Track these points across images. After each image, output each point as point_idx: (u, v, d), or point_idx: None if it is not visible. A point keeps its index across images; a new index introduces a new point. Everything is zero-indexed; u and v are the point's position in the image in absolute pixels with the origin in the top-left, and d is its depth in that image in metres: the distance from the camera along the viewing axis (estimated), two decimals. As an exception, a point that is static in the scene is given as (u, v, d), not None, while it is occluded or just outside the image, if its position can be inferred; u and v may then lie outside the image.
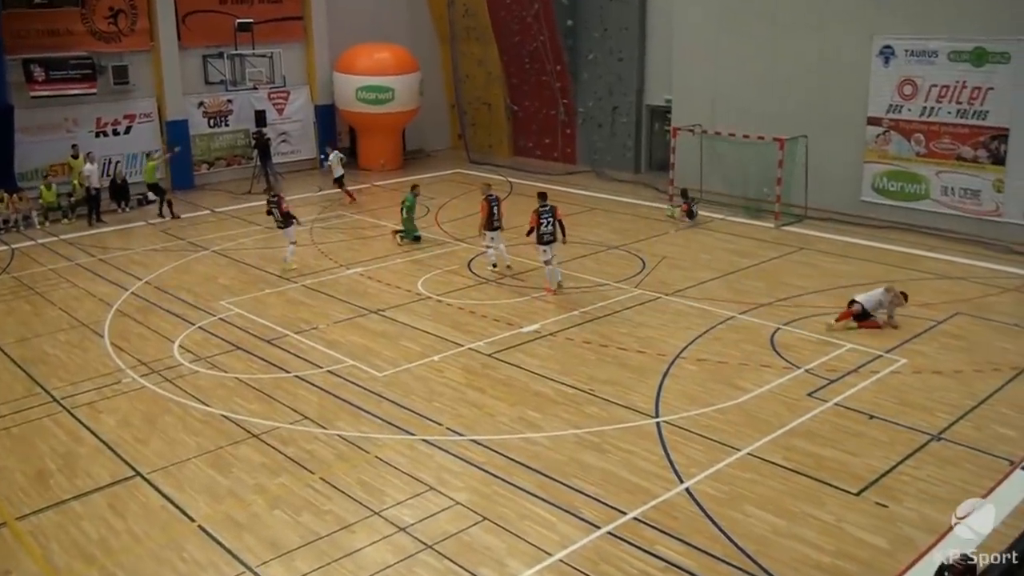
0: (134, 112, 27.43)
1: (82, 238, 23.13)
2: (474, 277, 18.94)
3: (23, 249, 22.28)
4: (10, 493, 11.18)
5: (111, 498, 10.95)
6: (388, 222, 23.26)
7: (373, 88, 29.82)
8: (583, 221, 23.70)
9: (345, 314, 16.92)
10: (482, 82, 32.81)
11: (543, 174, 29.55)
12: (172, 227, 23.94)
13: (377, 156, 30.64)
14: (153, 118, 27.81)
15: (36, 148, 25.57)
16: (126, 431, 12.59)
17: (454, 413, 12.82)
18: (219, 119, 29.27)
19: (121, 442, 12.28)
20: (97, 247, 22.23)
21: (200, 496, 10.92)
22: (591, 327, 15.95)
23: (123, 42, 26.93)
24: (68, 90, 25.64)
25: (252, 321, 16.67)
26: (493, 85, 32.59)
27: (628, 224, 23.26)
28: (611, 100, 29.39)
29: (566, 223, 18.30)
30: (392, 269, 19.74)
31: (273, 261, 20.49)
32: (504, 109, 32.61)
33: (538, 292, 17.79)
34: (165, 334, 16.13)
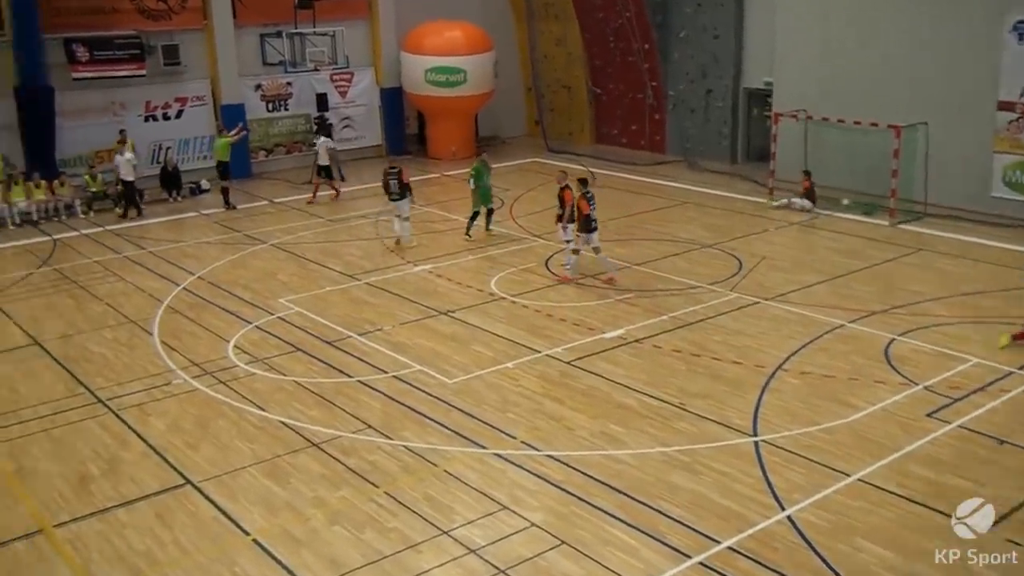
0: (186, 95, 28.06)
1: (130, 229, 23.72)
2: (552, 277, 18.94)
3: (65, 240, 22.93)
4: (48, 499, 11.50)
5: (158, 507, 11.19)
6: (459, 215, 23.39)
7: (444, 69, 30.04)
8: (673, 216, 23.54)
9: (412, 315, 17.05)
10: (562, 63, 32.81)
11: (628, 164, 29.43)
12: (227, 218, 24.42)
13: (447, 144, 30.85)
14: (207, 101, 28.42)
15: (79, 133, 26.27)
16: (176, 436, 12.86)
17: (529, 425, 12.82)
18: (278, 103, 29.77)
19: (170, 447, 12.55)
20: (147, 239, 22.78)
21: (255, 508, 11.10)
22: (681, 334, 15.83)
23: (173, 20, 27.57)
24: (114, 71, 26.31)
25: (312, 321, 16.90)
26: (574, 66, 32.56)
27: (723, 220, 23.05)
28: (705, 83, 29.14)
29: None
30: (463, 267, 19.84)
31: (335, 255, 20.76)
32: (586, 93, 32.57)
33: (622, 294, 17.72)
34: (219, 333, 16.44)
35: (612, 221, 23.04)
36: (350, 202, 26.01)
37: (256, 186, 27.95)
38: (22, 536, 10.74)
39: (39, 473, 12.07)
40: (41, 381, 14.80)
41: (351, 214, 24.64)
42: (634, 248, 20.83)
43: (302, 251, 21.28)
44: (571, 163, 29.67)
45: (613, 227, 22.53)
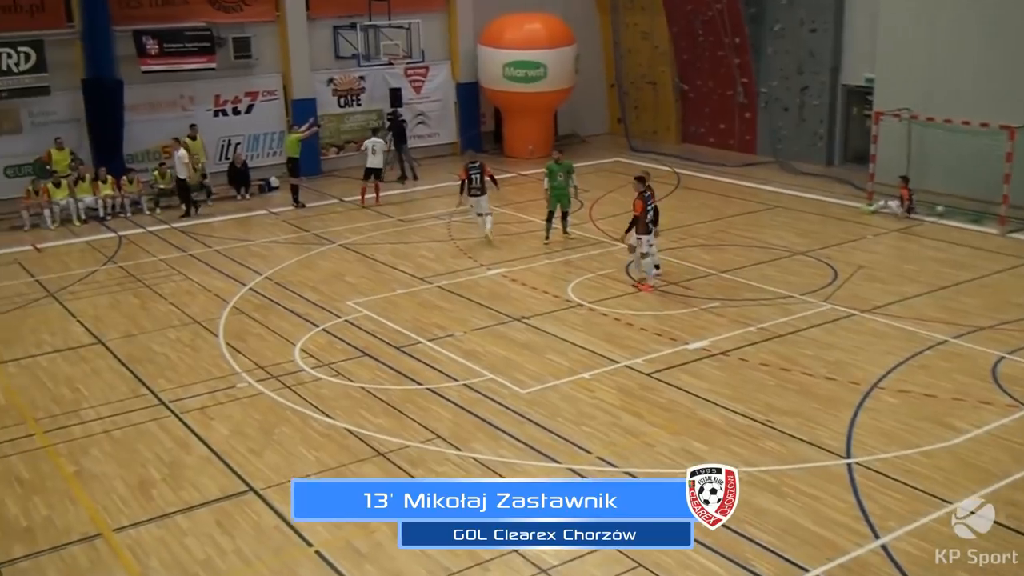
0: (256, 89, 28.51)
1: (196, 227, 24.17)
2: (632, 283, 18.83)
3: (131, 237, 23.43)
4: (108, 502, 11.72)
5: (219, 514, 11.35)
6: (535, 217, 23.40)
7: (522, 64, 30.10)
8: (763, 221, 23.28)
9: (485, 321, 17.09)
10: (647, 57, 32.66)
11: (716, 165, 29.17)
12: (295, 217, 24.75)
13: (525, 142, 30.90)
14: (278, 96, 28.83)
15: (147, 128, 26.78)
16: (239, 441, 13.04)
17: (606, 440, 12.75)
18: (350, 98, 30.10)
19: (233, 453, 12.73)
20: (213, 237, 23.18)
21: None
22: (770, 347, 15.63)
23: (245, 12, 28.02)
24: (184, 64, 26.78)
25: (381, 325, 17.03)
26: (660, 61, 32.39)
27: (817, 226, 22.73)
28: (800, 79, 28.78)
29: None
30: (538, 271, 19.83)
31: (406, 257, 20.91)
32: (672, 89, 32.37)
33: (708, 303, 17.55)
34: (286, 336, 16.65)
35: (699, 225, 22.90)
36: (423, 202, 26.17)
37: (326, 184, 28.28)
38: (80, 539, 10.97)
39: (99, 475, 12.33)
40: (103, 381, 15.13)
41: (423, 214, 24.79)
42: (721, 254, 20.64)
43: (371, 252, 21.47)
44: (654, 163, 29.60)
45: (699, 232, 22.37)
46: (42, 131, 25.55)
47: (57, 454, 12.90)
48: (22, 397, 14.63)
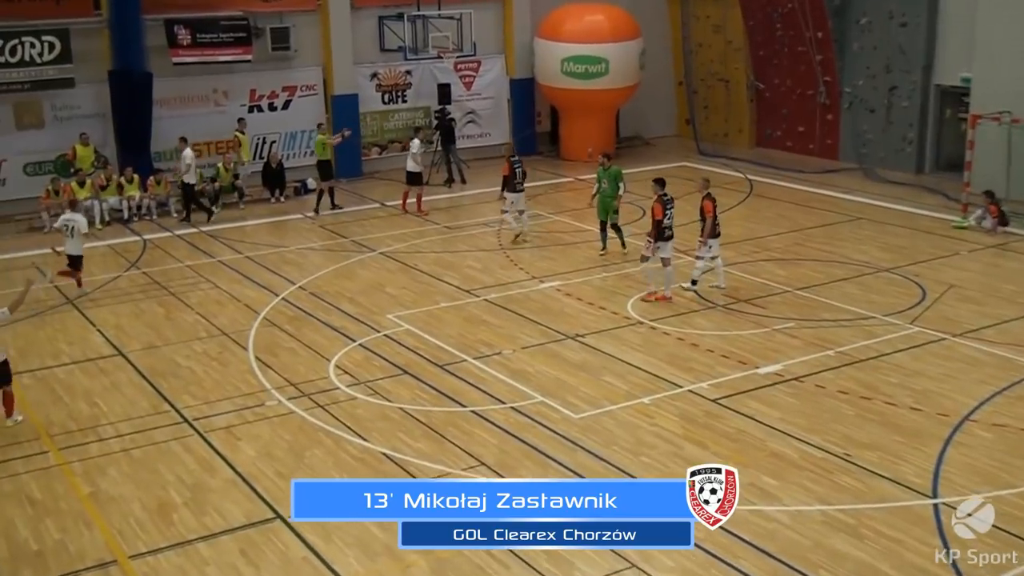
0: (295, 84, 28.79)
1: (227, 231, 24.42)
2: (698, 300, 18.73)
3: (157, 241, 23.72)
4: (124, 526, 11.83)
5: (244, 542, 11.41)
6: (591, 226, 23.35)
7: (583, 59, 30.11)
8: (844, 234, 23.08)
9: (535, 338, 17.07)
10: (719, 53, 32.55)
11: (793, 171, 28.97)
12: (333, 223, 24.91)
13: (583, 144, 30.83)
14: (318, 91, 29.10)
15: (177, 124, 26.99)
16: (267, 464, 13.11)
17: (666, 471, 12.65)
18: (395, 94, 30.28)
19: (261, 476, 12.79)
20: (244, 242, 23.40)
21: (350, 551, 11.22)
22: (850, 372, 15.46)
23: (284, 0, 28.28)
24: (218, 56, 27.12)
25: (423, 341, 17.06)
26: (733, 57, 32.26)
27: (904, 240, 22.49)
28: (888, 78, 28.53)
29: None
30: (595, 285, 19.79)
31: (452, 267, 20.96)
32: (746, 88, 32.23)
33: (781, 323, 17.39)
34: (320, 350, 16.74)
35: (772, 238, 22.75)
36: (471, 208, 26.25)
37: (367, 187, 28.47)
38: (94, 566, 11.07)
39: (116, 497, 12.44)
40: (124, 396, 15.29)
41: (471, 221, 24.88)
42: (798, 270, 20.47)
43: (414, 261, 21.54)
44: (724, 169, 29.45)
45: (773, 245, 22.22)
46: (66, 126, 25.97)
47: (72, 473, 13.05)
48: (37, 411, 14.82)
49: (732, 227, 23.64)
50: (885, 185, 27.39)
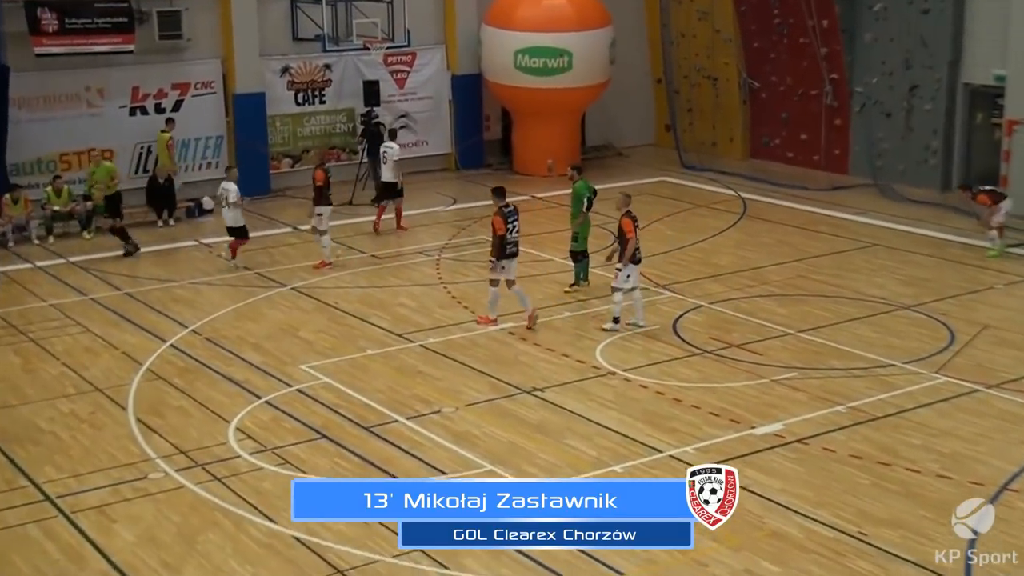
0: (188, 80, 28.75)
1: (103, 261, 24.21)
2: (683, 345, 18.80)
3: (13, 274, 23.50)
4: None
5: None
6: (553, 255, 23.41)
7: (541, 51, 30.27)
8: (856, 264, 23.28)
9: (484, 392, 17.03)
10: (706, 45, 32.81)
11: (795, 188, 29.22)
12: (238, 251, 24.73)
13: (542, 155, 30.81)
14: (216, 89, 29.08)
15: (39, 129, 26.92)
16: (150, 551, 12.92)
17: (643, 558, 12.63)
18: (311, 93, 30.31)
19: (142, 568, 12.60)
20: (124, 276, 23.22)
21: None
22: (864, 432, 15.54)
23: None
24: (92, 46, 26.89)
25: (346, 397, 16.97)
26: (722, 50, 32.54)
27: (929, 271, 22.76)
28: (907, 76, 28.86)
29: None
30: (557, 327, 19.81)
31: (381, 306, 20.93)
32: (738, 87, 32.49)
33: (782, 373, 17.47)
34: (217, 410, 16.59)
35: (771, 269, 22.88)
36: (405, 233, 26.19)
37: (276, 207, 28.44)
38: None
39: (-42, 598, 12.27)
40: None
41: (405, 249, 24.87)
42: (801, 308, 20.63)
43: (335, 299, 21.46)
44: (713, 185, 29.67)
45: (772, 277, 22.36)
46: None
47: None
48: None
49: (722, 256, 23.87)
50: (905, 205, 27.65)
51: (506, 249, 19.27)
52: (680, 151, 32.67)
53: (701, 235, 25.32)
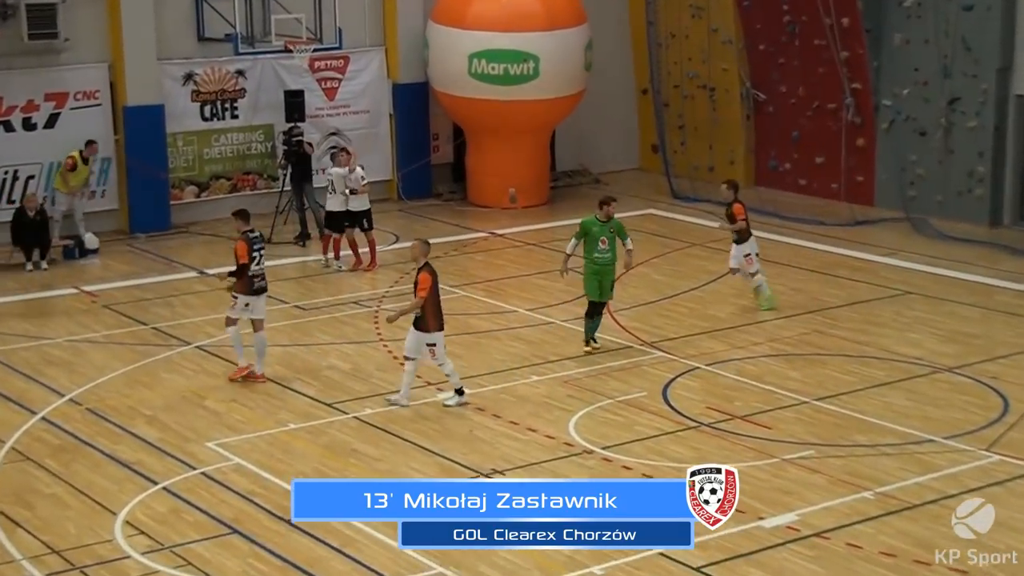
0: (65, 89, 28.69)
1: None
2: (675, 416, 18.80)
3: None
4: None
5: None
6: (515, 305, 23.40)
7: (501, 54, 30.37)
8: (885, 316, 23.43)
9: (431, 475, 16.93)
10: (701, 48, 32.98)
11: (809, 223, 29.38)
12: (127, 300, 24.75)
13: (503, 182, 30.99)
14: (101, 100, 29.04)
15: None
16: None
17: None
18: (220, 106, 30.32)
19: None
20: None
21: None
22: (898, 524, 15.55)
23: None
24: None
25: (262, 482, 16.87)
26: (721, 54, 32.72)
27: (975, 326, 22.90)
28: (946, 86, 29.11)
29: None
30: (522, 394, 19.82)
31: (306, 369, 20.91)
32: (740, 99, 32.63)
33: (795, 450, 17.47)
34: (101, 499, 16.43)
35: (779, 323, 22.91)
36: (337, 278, 26.18)
37: (177, 246, 28.44)
38: None
39: None
40: None
41: (336, 298, 24.88)
42: (818, 370, 20.72)
43: (249, 359, 21.36)
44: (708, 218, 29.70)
45: (782, 334, 22.39)
46: None
47: None
48: None
49: (721, 306, 23.95)
50: (944, 243, 27.84)
51: (253, 283, 19.96)
52: (670, 177, 32.88)
53: (695, 281, 25.38)
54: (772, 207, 30.61)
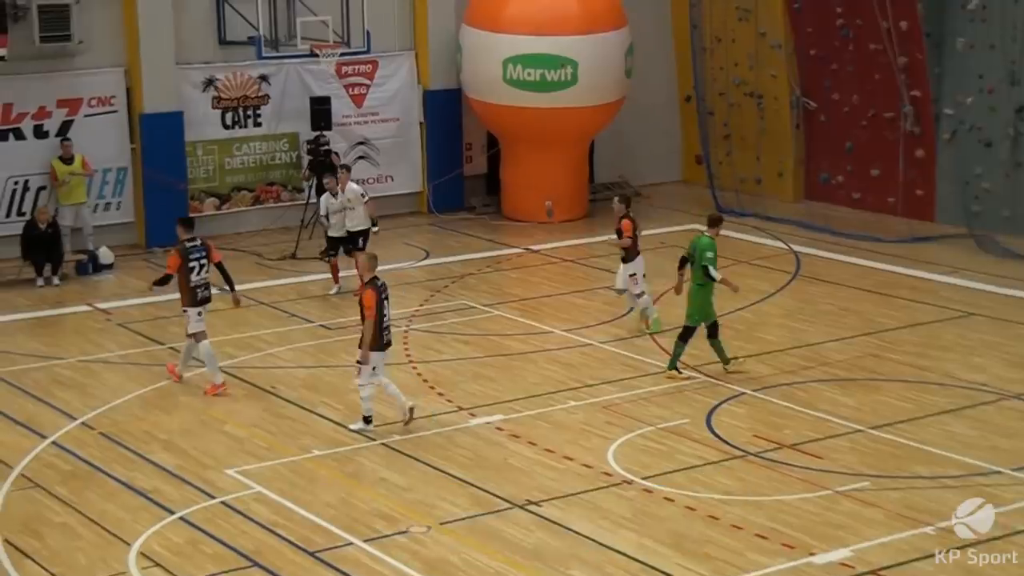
0: (79, 95, 28.82)
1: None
2: (720, 445, 18.76)
3: None
4: None
5: None
6: (553, 326, 23.40)
7: (537, 59, 30.42)
8: (947, 339, 23.35)
9: (464, 507, 16.96)
10: (748, 53, 32.95)
11: (864, 239, 29.26)
12: (142, 318, 24.86)
13: (539, 195, 30.86)
14: (117, 107, 29.16)
15: None
16: None
17: None
18: (243, 113, 30.43)
19: None
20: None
21: None
22: (961, 562, 15.25)
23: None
24: None
25: (285, 512, 16.87)
26: (770, 59, 32.69)
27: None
28: (1013, 94, 29.05)
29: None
30: (559, 420, 19.81)
31: (332, 392, 20.95)
32: (790, 108, 32.57)
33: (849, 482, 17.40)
34: (115, 528, 16.44)
35: (832, 346, 22.87)
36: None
37: (196, 260, 28.41)
38: None
39: None
40: None
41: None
42: (873, 397, 20.61)
43: (273, 381, 21.45)
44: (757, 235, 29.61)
45: (834, 357, 22.31)
46: None
47: None
48: None
49: (769, 328, 23.90)
50: (1011, 261, 27.75)
51: (197, 294, 20.77)
52: (714, 190, 32.87)
53: (741, 301, 25.15)
54: (824, 222, 30.58)
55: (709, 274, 21.07)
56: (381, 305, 19.06)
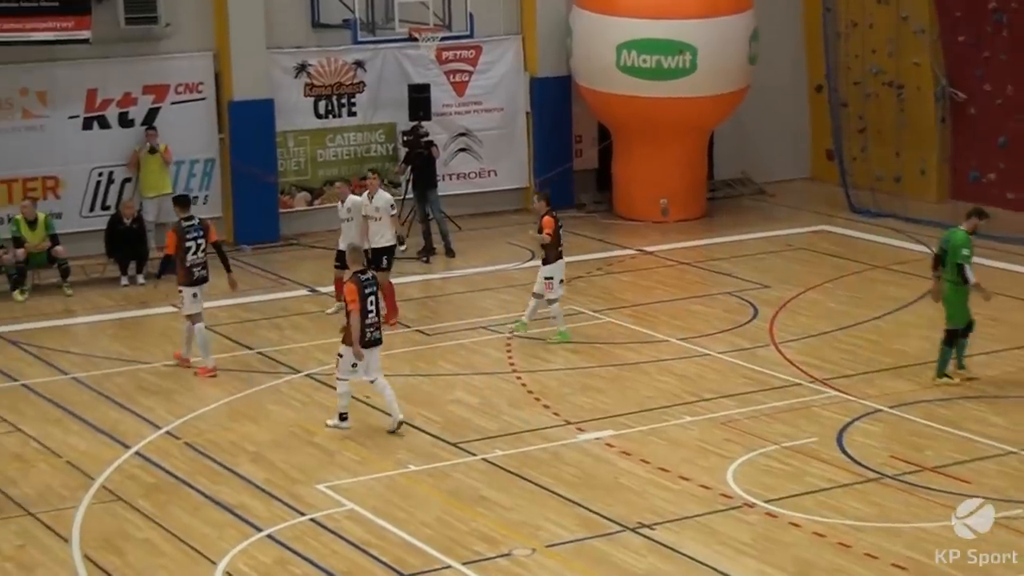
0: (166, 81, 29.19)
1: (39, 332, 24.52)
2: (852, 467, 18.63)
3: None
4: None
5: None
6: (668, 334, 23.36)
7: (653, 45, 30.43)
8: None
9: (570, 529, 16.96)
10: (888, 39, 32.76)
11: (1020, 243, 28.98)
12: (229, 319, 25.13)
13: (655, 192, 30.94)
14: (205, 94, 29.48)
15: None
16: None
17: None
18: (337, 101, 30.62)
19: None
20: (72, 353, 23.55)
21: None
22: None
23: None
24: (31, 32, 27.25)
25: (379, 531, 16.94)
26: (912, 46, 32.47)
27: None
28: None
29: None
30: (674, 436, 19.78)
31: (429, 402, 21.06)
32: (935, 99, 32.36)
33: (1004, 509, 17.20)
34: (199, 545, 16.59)
35: (983, 359, 22.53)
36: (462, 299, 26.37)
37: (285, 260, 28.83)
38: None
39: None
40: None
41: (463, 322, 25.10)
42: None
43: (366, 392, 21.41)
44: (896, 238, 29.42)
45: (986, 372, 22.05)
46: None
47: None
48: None
49: (909, 339, 23.69)
50: None
51: (193, 273, 21.67)
52: (847, 189, 32.71)
53: (878, 309, 25.17)
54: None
55: (964, 274, 20.97)
56: (365, 299, 19.23)
